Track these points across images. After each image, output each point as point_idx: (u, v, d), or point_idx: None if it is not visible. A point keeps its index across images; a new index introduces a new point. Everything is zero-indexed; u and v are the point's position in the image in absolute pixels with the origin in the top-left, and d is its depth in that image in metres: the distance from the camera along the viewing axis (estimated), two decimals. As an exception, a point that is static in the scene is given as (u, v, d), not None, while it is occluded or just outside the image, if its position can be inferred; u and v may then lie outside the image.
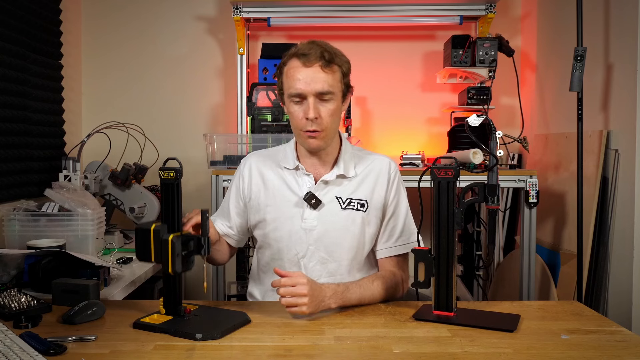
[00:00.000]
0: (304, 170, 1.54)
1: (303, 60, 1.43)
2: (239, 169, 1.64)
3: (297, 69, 1.44)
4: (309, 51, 1.43)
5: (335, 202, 1.52)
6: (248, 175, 1.60)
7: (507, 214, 2.95)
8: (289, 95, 1.46)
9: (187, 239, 1.26)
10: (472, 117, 1.36)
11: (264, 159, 1.62)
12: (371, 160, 1.59)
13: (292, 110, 1.47)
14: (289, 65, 1.47)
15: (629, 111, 2.05)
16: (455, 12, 2.77)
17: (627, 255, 2.02)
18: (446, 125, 2.81)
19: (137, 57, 3.00)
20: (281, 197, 1.54)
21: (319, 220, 1.50)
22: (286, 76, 1.47)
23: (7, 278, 1.58)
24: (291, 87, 1.45)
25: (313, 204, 1.49)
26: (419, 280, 1.32)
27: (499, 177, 1.32)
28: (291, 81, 1.44)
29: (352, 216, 1.51)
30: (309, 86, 1.42)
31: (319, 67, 1.42)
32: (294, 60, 1.45)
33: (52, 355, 1.06)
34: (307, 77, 1.42)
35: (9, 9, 2.22)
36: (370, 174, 1.56)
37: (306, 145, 1.50)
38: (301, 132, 1.48)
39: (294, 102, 1.46)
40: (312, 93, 1.43)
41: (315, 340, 1.16)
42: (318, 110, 1.43)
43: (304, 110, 1.44)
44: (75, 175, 2.21)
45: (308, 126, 1.45)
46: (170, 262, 1.22)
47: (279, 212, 1.53)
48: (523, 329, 1.24)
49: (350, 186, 1.54)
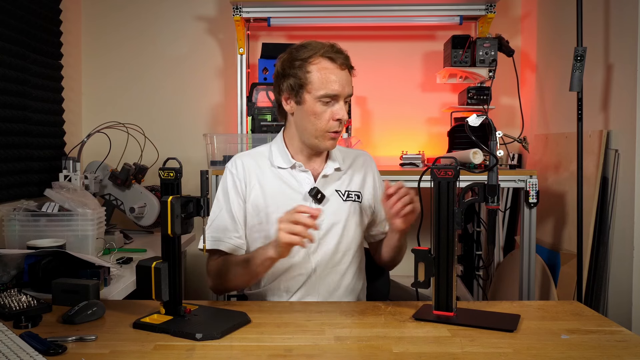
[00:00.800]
0: (302, 167, 1.54)
1: (339, 63, 1.46)
2: (229, 172, 1.57)
3: (332, 70, 1.46)
4: (338, 55, 1.47)
5: (336, 195, 1.56)
6: (242, 175, 1.55)
7: (507, 214, 2.95)
8: (322, 95, 1.45)
9: (186, 201, 1.26)
10: (472, 117, 1.36)
11: (253, 159, 1.58)
12: (353, 154, 1.67)
13: (319, 110, 1.47)
14: (320, 64, 1.46)
15: (629, 111, 2.05)
16: (455, 12, 2.78)
17: (627, 255, 2.02)
18: (446, 125, 2.81)
19: (137, 57, 3.00)
20: (282, 196, 1.52)
21: (325, 214, 1.52)
22: (318, 75, 1.45)
23: (7, 278, 1.58)
24: (326, 88, 1.45)
25: (319, 198, 1.51)
26: (419, 280, 1.32)
27: (499, 177, 1.31)
28: (325, 82, 1.45)
29: (353, 207, 1.58)
30: (344, 89, 1.46)
31: (348, 71, 1.49)
32: (325, 61, 1.46)
33: (52, 355, 1.05)
34: (342, 80, 1.46)
35: (9, 9, 2.22)
36: (358, 167, 1.64)
37: (324, 146, 1.51)
38: (325, 133, 1.49)
39: (322, 103, 1.46)
40: (344, 95, 1.47)
41: (315, 340, 1.16)
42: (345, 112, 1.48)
43: (333, 111, 1.47)
44: (75, 175, 2.21)
45: (335, 127, 1.48)
46: (170, 224, 1.23)
47: (283, 211, 1.48)
48: (523, 329, 1.24)
49: (346, 179, 1.60)
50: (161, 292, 1.23)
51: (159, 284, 1.23)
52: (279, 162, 1.56)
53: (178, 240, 1.28)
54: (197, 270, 3.00)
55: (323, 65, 1.46)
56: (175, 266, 1.27)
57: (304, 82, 1.47)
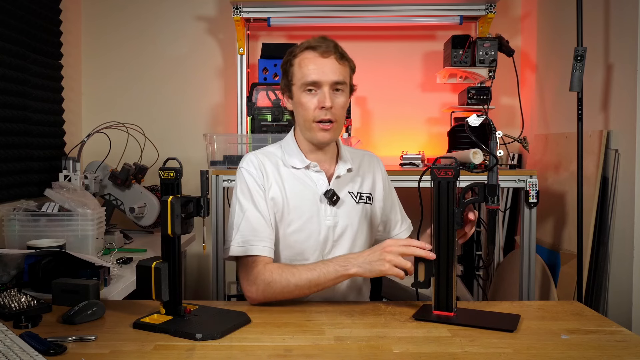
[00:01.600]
0: (316, 167, 1.52)
1: (320, 51, 1.44)
2: (246, 170, 1.50)
3: (313, 59, 1.44)
4: (322, 43, 1.45)
5: (349, 197, 1.55)
6: (260, 171, 1.49)
7: (507, 214, 2.95)
8: (304, 84, 1.45)
9: (186, 201, 1.26)
10: (472, 117, 1.36)
11: (266, 157, 1.54)
12: (360, 154, 1.65)
13: (304, 100, 1.46)
14: (302, 56, 1.46)
15: (629, 111, 2.05)
16: (455, 12, 2.78)
17: (627, 255, 2.02)
18: (446, 125, 2.81)
19: (137, 57, 3.00)
20: (299, 196, 1.50)
21: (340, 216, 1.51)
22: (299, 66, 1.46)
23: (7, 278, 1.58)
24: (307, 76, 1.44)
25: (334, 200, 1.49)
26: (419, 280, 1.31)
27: (499, 177, 1.31)
28: (306, 70, 1.44)
29: (365, 209, 1.57)
30: (326, 75, 1.44)
31: (334, 58, 1.45)
32: (308, 51, 1.46)
33: (52, 355, 1.05)
34: (324, 67, 1.44)
35: (9, 9, 2.22)
36: (367, 168, 1.62)
37: (317, 138, 1.48)
38: (313, 124, 1.46)
39: (306, 92, 1.45)
40: (328, 82, 1.44)
41: (315, 340, 1.16)
42: (332, 100, 1.44)
43: (318, 99, 1.44)
44: (75, 175, 2.21)
45: (322, 115, 1.45)
46: (170, 224, 1.23)
47: (299, 212, 1.49)
48: (523, 329, 1.24)
49: (357, 180, 1.58)
50: (161, 292, 1.23)
51: (159, 284, 1.23)
52: (293, 162, 1.52)
53: (178, 240, 1.28)
54: (197, 270, 3.00)
55: (304, 56, 1.46)
56: (175, 266, 1.27)
57: (291, 76, 1.49)
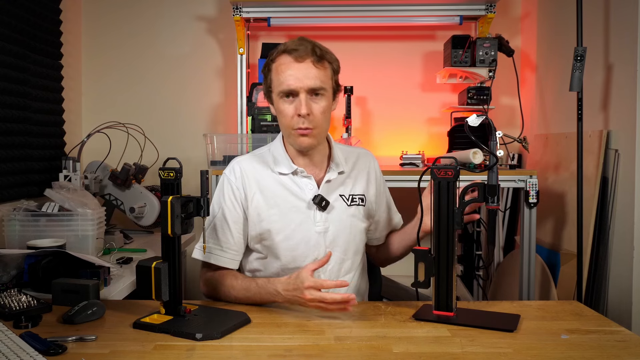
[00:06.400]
0: (304, 172, 1.49)
1: (294, 56, 1.38)
2: (227, 181, 1.51)
3: (288, 65, 1.39)
4: (299, 47, 1.39)
5: (340, 201, 1.52)
6: (241, 183, 1.49)
7: (507, 214, 2.95)
8: (280, 92, 1.41)
9: (186, 201, 1.26)
10: (472, 117, 1.36)
11: (253, 164, 1.52)
12: (355, 153, 1.61)
13: (282, 108, 1.42)
14: (278, 61, 1.41)
15: (629, 111, 2.05)
16: (455, 12, 2.77)
17: (627, 255, 2.02)
18: (446, 125, 2.81)
19: (137, 57, 3.00)
20: (285, 204, 1.47)
21: (330, 221, 1.49)
22: (276, 72, 1.42)
23: (7, 278, 1.58)
24: (282, 84, 1.39)
25: (323, 206, 1.47)
26: (419, 280, 1.32)
27: (499, 177, 1.31)
28: (282, 77, 1.39)
29: (357, 212, 1.54)
30: (301, 82, 1.38)
31: (311, 62, 1.39)
32: (283, 56, 1.41)
33: (52, 355, 1.06)
34: (298, 73, 1.38)
35: (9, 9, 2.21)
36: (361, 168, 1.59)
37: (297, 144, 1.45)
38: (292, 131, 1.43)
39: (284, 100, 1.41)
40: (304, 89, 1.39)
41: (315, 340, 1.16)
42: (310, 107, 1.39)
43: (295, 106, 1.40)
44: (75, 175, 2.21)
45: (300, 123, 1.40)
46: (170, 224, 1.23)
47: (287, 220, 1.47)
48: (523, 329, 1.24)
49: (349, 183, 1.55)
50: (161, 292, 1.23)
51: (159, 284, 1.23)
52: (280, 168, 1.49)
53: (178, 240, 1.28)
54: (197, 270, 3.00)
55: (281, 61, 1.41)
56: (175, 266, 1.27)
57: (270, 83, 1.45)
